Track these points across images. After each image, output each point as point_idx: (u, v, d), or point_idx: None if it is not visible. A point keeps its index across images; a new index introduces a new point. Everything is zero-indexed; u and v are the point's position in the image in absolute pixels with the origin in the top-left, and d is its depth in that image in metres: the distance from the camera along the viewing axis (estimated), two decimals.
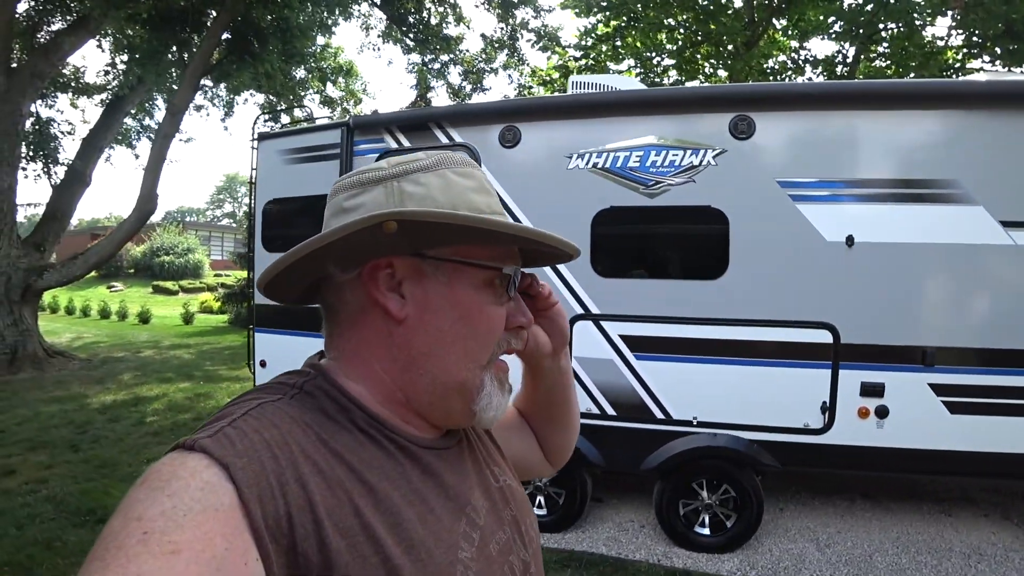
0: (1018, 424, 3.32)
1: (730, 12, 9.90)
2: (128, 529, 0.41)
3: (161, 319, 16.23)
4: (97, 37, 9.74)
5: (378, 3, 10.09)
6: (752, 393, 3.63)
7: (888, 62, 10.93)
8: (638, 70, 11.46)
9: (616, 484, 4.61)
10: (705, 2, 9.61)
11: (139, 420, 6.78)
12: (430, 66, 12.25)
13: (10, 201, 8.59)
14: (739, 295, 3.63)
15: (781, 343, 3.58)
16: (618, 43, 10.47)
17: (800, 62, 11.54)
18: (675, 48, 10.48)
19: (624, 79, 6.18)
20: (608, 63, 11.17)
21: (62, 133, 10.52)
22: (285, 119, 11.01)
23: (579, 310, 3.90)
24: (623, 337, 3.85)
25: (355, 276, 0.61)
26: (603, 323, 3.87)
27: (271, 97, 11.85)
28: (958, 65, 10.10)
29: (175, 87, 9.31)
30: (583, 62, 10.99)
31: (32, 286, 8.75)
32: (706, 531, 3.80)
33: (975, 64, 9.81)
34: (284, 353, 5.11)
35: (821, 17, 9.54)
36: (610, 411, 3.87)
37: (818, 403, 3.52)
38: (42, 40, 8.76)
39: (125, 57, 10.42)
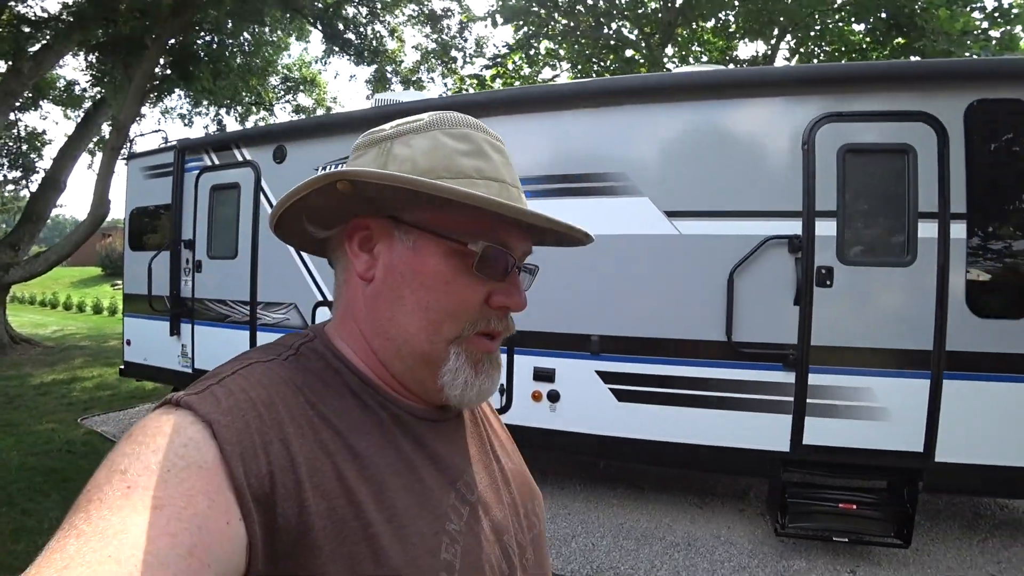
0: (683, 414, 3.48)
1: (630, 19, 10.60)
2: (112, 482, 0.42)
3: None
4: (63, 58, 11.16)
5: (311, 20, 11.17)
6: None
7: (804, 58, 11.24)
8: (572, 75, 12.26)
9: None
10: (605, 5, 10.29)
11: (64, 395, 7.98)
12: (374, 77, 13.38)
13: None
14: None
15: None
16: (531, 52, 11.32)
17: (725, 61, 12.03)
18: (581, 55, 11.22)
19: (414, 94, 6.99)
20: (537, 69, 12.08)
21: (39, 144, 11.98)
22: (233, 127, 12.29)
23: (320, 297, 4.81)
24: None
25: (340, 234, 0.62)
26: None
27: (231, 108, 13.21)
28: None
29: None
30: (494, 71, 11.92)
31: (1, 279, 10.20)
32: None
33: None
34: (144, 333, 6.24)
35: (715, 24, 10.16)
36: None
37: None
38: (8, 62, 10.16)
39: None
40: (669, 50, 11.32)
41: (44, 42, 9.52)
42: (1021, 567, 3.53)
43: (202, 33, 10.24)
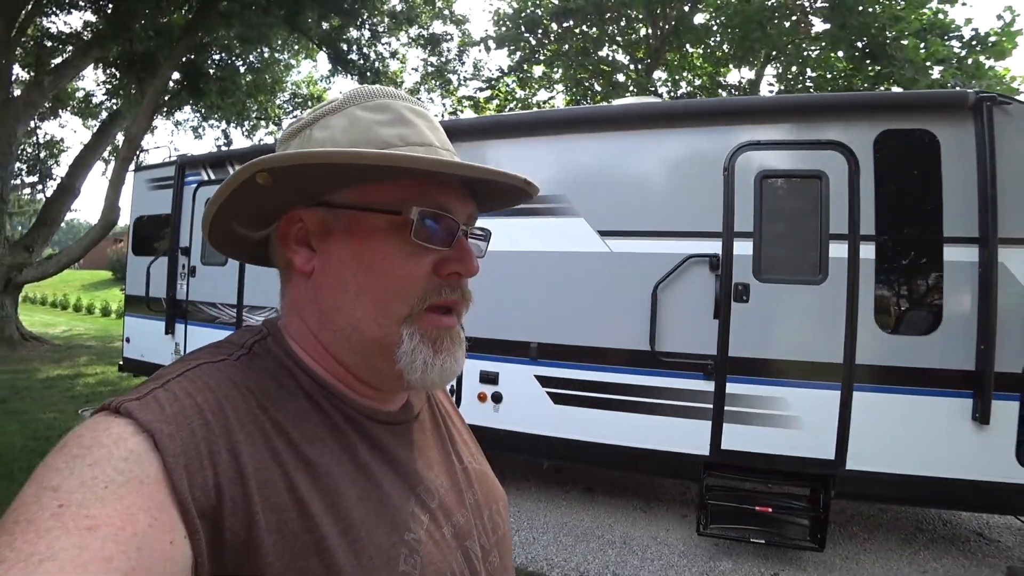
0: (612, 417, 3.73)
1: (621, 45, 11.00)
2: (42, 501, 0.39)
3: None
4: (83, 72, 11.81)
5: (315, 41, 11.70)
6: None
7: (789, 84, 11.55)
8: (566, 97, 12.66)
9: None
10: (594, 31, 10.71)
11: (68, 388, 8.40)
12: None
13: (1, 211, 10.60)
14: None
15: None
16: (524, 75, 11.76)
17: (715, 86, 12.35)
18: (573, 78, 11.60)
19: None
20: (532, 91, 12.50)
21: (56, 152, 12.60)
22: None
23: None
24: None
25: (275, 232, 0.60)
26: None
27: (239, 123, 13.82)
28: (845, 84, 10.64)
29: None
30: (488, 92, 12.36)
31: (13, 280, 10.71)
32: None
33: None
34: (142, 331, 6.63)
35: (703, 50, 10.51)
36: None
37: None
38: (32, 75, 10.77)
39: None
40: (660, 74, 11.69)
41: (64, 57, 10.12)
42: None
43: (212, 53, 10.80)
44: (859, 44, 7.83)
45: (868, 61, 7.89)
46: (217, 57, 11.41)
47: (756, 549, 3.83)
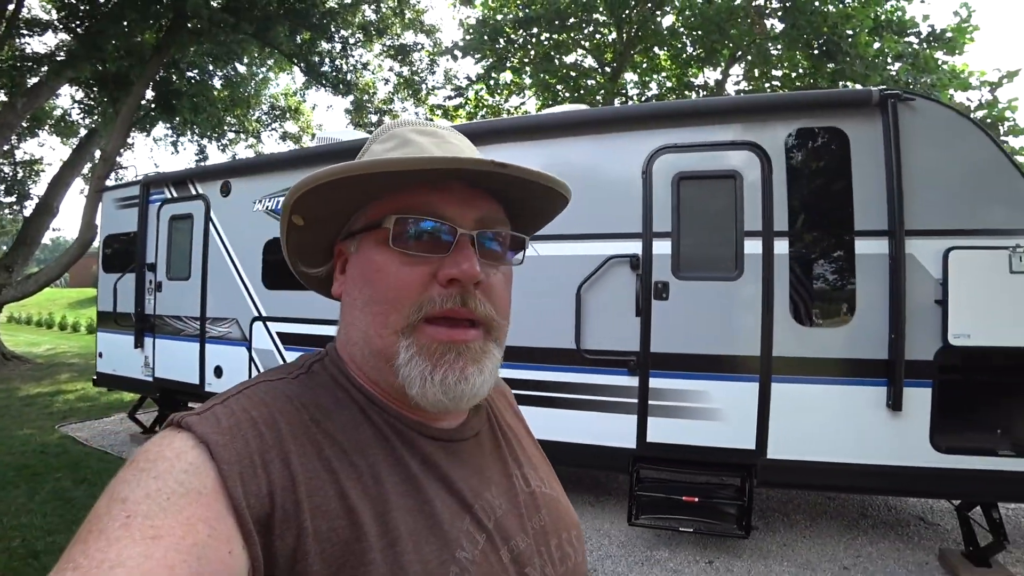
0: (546, 413, 3.85)
1: (588, 50, 11.18)
2: (112, 512, 0.41)
3: None
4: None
5: (287, 55, 11.86)
6: None
7: (757, 83, 11.69)
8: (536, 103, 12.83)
9: None
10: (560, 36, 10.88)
11: (47, 405, 8.48)
12: (353, 106, 14.10)
13: None
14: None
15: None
16: (492, 82, 11.94)
17: (683, 87, 12.48)
18: (543, 84, 11.77)
19: (353, 133, 7.48)
20: (503, 98, 12.70)
21: (35, 171, 12.73)
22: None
23: (256, 313, 5.25)
24: (279, 334, 5.17)
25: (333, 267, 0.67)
26: (268, 323, 5.21)
27: (214, 138, 14.02)
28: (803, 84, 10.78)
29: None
30: (457, 100, 12.58)
31: None
32: None
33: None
34: (114, 346, 6.72)
35: (669, 52, 10.69)
36: None
37: None
38: (7, 97, 10.91)
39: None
40: (632, 76, 11.85)
41: (38, 78, 10.26)
42: (876, 561, 3.78)
43: (184, 70, 10.97)
44: (816, 43, 7.99)
45: (825, 59, 8.05)
46: (190, 74, 11.57)
47: (694, 538, 3.93)
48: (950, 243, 3.21)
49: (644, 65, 11.32)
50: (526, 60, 11.23)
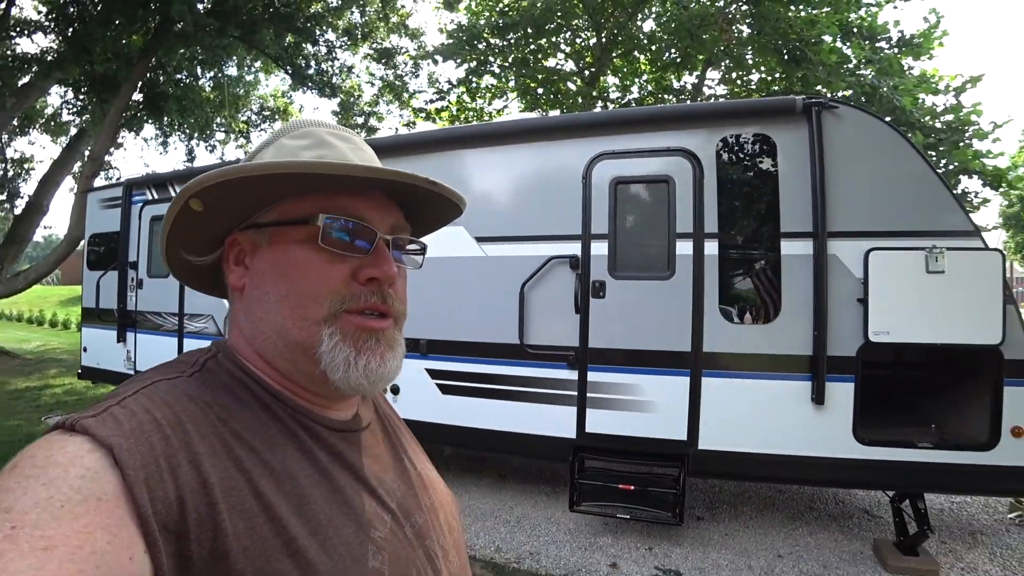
0: (491, 405, 4.10)
1: (567, 54, 11.38)
2: None
3: None
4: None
5: (273, 58, 12.05)
6: None
7: (735, 86, 11.84)
8: (520, 105, 13.01)
9: None
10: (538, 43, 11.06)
11: (34, 399, 8.67)
12: (340, 108, 14.31)
13: None
14: None
15: None
16: (473, 85, 12.14)
17: (662, 90, 12.61)
18: (525, 87, 11.96)
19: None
20: (486, 101, 12.90)
21: (26, 169, 12.93)
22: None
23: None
24: None
25: (219, 257, 0.65)
26: None
27: (203, 139, 14.26)
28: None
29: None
30: (439, 103, 12.78)
31: None
32: None
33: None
34: (97, 341, 6.93)
35: (649, 56, 10.87)
36: None
37: None
38: None
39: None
40: (614, 80, 12.02)
41: (28, 78, 10.46)
42: (813, 550, 3.96)
43: (172, 73, 11.18)
44: (785, 49, 8.15)
45: (792, 65, 8.22)
46: (178, 77, 11.78)
47: (637, 526, 4.12)
48: (871, 244, 3.40)
49: (625, 69, 11.52)
50: (505, 64, 11.42)
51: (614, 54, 11.04)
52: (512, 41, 10.88)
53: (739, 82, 10.45)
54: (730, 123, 3.64)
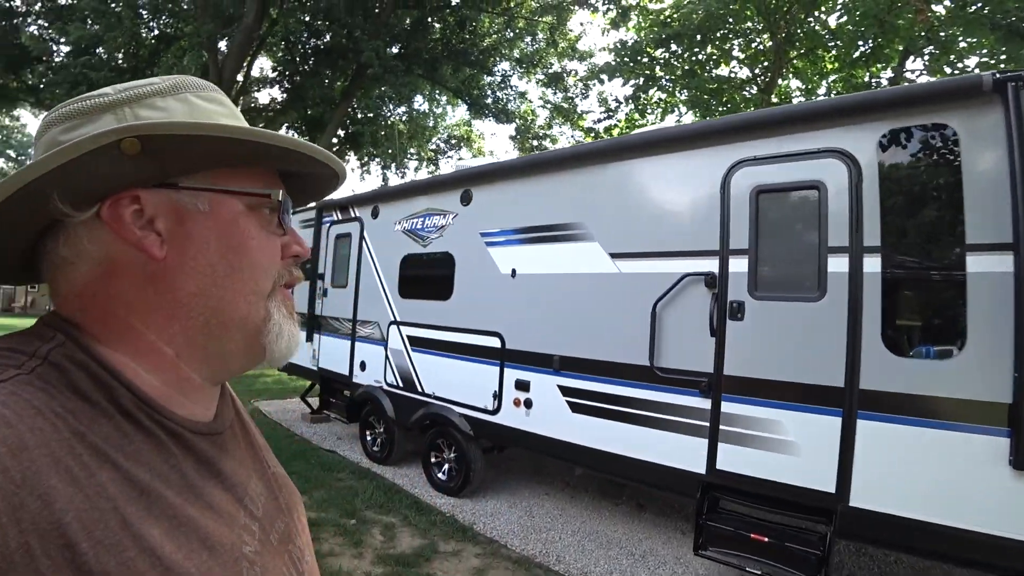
0: (618, 427, 3.87)
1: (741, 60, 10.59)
2: None
3: None
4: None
5: (452, 89, 13.16)
6: (459, 378, 5.18)
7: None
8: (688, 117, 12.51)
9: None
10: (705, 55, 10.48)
11: (251, 384, 10.43)
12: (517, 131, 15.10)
13: None
14: (456, 311, 5.31)
15: (474, 345, 5.07)
16: (640, 103, 11.84)
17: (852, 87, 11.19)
18: (698, 99, 11.35)
19: (484, 160, 7.99)
20: (657, 117, 12.56)
21: None
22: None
23: (392, 318, 5.99)
24: (408, 337, 5.81)
25: (92, 217, 0.51)
26: (401, 327, 5.90)
27: (399, 166, 16.12)
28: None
29: None
30: (606, 123, 12.63)
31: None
32: (443, 476, 5.40)
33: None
34: None
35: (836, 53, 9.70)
36: (399, 383, 5.83)
37: (492, 391, 4.85)
38: None
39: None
40: (795, 83, 10.96)
41: (262, 125, 12.90)
42: None
43: (365, 111, 12.91)
44: (1004, 22, 6.64)
45: (1018, 39, 6.64)
46: (370, 114, 13.62)
47: None
48: None
49: (808, 71, 10.39)
50: (673, 77, 11.04)
51: (792, 55, 10.07)
52: (677, 52, 10.51)
53: (949, 69, 8.77)
54: (895, 113, 3.03)
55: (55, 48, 11.43)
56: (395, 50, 11.01)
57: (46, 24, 11.37)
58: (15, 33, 11.37)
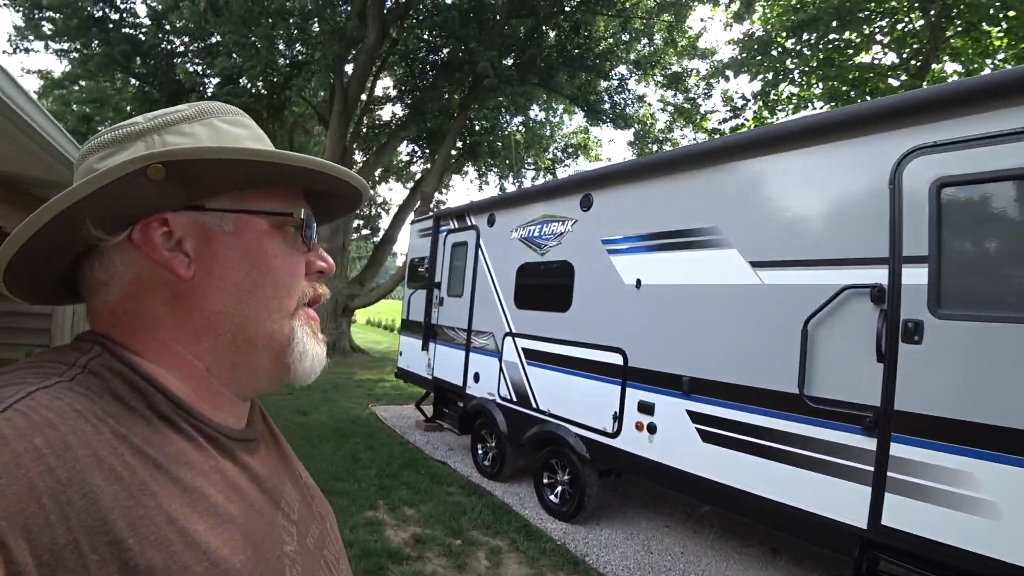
0: (755, 463, 3.35)
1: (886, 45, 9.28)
2: None
3: None
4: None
5: (568, 96, 12.96)
6: (577, 396, 4.85)
7: None
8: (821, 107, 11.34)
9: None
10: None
11: (370, 389, 10.96)
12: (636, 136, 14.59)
13: (344, 255, 14.48)
14: (575, 324, 5.02)
15: (594, 361, 4.71)
16: (769, 99, 10.80)
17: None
18: (835, 90, 10.16)
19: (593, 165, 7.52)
20: (787, 113, 11.47)
21: (386, 210, 16.71)
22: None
23: (507, 329, 5.85)
24: (524, 349, 5.63)
25: (124, 241, 0.54)
26: (516, 339, 5.73)
27: (516, 175, 16.30)
28: None
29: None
30: (732, 122, 11.63)
31: (348, 306, 14.35)
32: (555, 499, 5.10)
33: None
34: (410, 348, 8.33)
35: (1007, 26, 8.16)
36: (513, 398, 5.66)
37: (612, 412, 4.43)
38: (365, 158, 14.61)
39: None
40: (952, 67, 9.44)
41: (383, 142, 13.55)
42: None
43: (482, 121, 13.20)
44: None
45: None
46: (487, 124, 13.89)
47: None
48: None
49: (970, 51, 8.86)
50: (806, 68, 9.96)
51: (949, 33, 8.66)
52: (812, 40, 9.48)
53: None
54: None
55: (206, 80, 12.97)
56: (510, 60, 11.07)
57: (198, 60, 12.91)
58: (173, 71, 13.12)
